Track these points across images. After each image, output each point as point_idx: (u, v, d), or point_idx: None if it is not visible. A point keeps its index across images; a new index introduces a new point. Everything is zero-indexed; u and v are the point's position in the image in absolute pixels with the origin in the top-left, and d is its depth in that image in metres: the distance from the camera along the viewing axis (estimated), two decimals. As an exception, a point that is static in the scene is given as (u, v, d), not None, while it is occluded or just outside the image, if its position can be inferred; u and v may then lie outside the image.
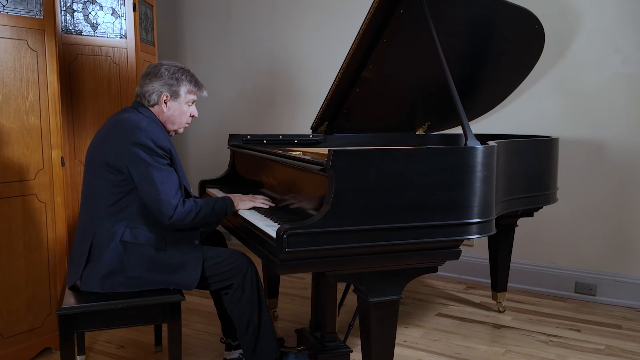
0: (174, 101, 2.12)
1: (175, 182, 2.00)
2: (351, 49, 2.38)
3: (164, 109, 2.11)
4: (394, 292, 1.86)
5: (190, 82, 2.15)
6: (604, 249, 3.35)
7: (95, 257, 1.98)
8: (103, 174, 1.99)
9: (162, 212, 1.95)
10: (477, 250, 3.65)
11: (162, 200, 1.94)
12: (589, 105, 3.32)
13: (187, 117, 2.18)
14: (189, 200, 2.02)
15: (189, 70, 2.17)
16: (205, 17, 4.78)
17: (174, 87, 2.10)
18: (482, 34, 2.66)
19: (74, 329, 1.91)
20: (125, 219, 2.00)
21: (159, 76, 2.09)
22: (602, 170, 3.32)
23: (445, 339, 2.81)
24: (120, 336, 2.79)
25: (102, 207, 2.00)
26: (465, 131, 1.97)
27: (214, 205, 2.10)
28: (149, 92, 2.09)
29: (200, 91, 2.20)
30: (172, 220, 1.96)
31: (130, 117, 2.02)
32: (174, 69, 2.12)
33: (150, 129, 1.98)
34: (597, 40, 3.27)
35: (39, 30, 2.41)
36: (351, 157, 1.72)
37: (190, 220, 2.00)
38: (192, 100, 2.18)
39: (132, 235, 1.99)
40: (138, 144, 1.94)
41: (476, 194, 1.84)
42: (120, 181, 1.98)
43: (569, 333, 2.91)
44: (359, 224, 1.71)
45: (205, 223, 2.08)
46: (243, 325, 2.12)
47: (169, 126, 2.16)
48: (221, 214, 2.13)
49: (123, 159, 1.95)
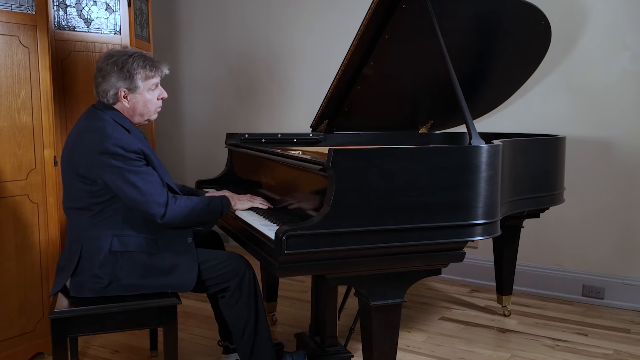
0: (133, 94, 2.01)
1: (157, 181, 1.96)
2: (352, 45, 2.38)
3: (126, 104, 2.02)
4: (396, 296, 1.86)
5: (144, 67, 2.01)
6: (612, 251, 3.35)
7: (86, 270, 1.96)
8: (79, 185, 1.95)
9: (153, 212, 1.92)
10: (481, 253, 3.65)
11: (149, 201, 1.91)
12: (597, 104, 3.32)
13: (155, 102, 2.08)
14: (181, 197, 2.00)
15: (139, 53, 2.03)
16: (201, 13, 4.78)
17: (128, 79, 1.99)
18: (487, 30, 2.65)
19: (67, 333, 1.91)
20: (111, 227, 1.97)
21: (109, 72, 1.98)
22: (610, 170, 3.31)
23: (449, 343, 2.81)
24: (115, 341, 2.79)
25: (85, 218, 1.98)
26: (469, 130, 1.97)
27: (209, 203, 2.07)
28: (105, 91, 2.00)
29: (158, 71, 2.05)
30: (166, 218, 1.94)
31: (94, 125, 1.95)
32: (122, 59, 1.99)
33: (117, 135, 1.91)
34: (605, 37, 3.27)
35: (31, 26, 2.41)
36: (352, 156, 1.71)
37: (184, 216, 1.97)
38: (155, 84, 2.06)
39: (120, 244, 1.97)
40: (107, 153, 1.88)
41: (481, 195, 1.84)
42: (97, 191, 1.94)
43: (576, 337, 2.90)
44: (360, 225, 1.71)
45: (200, 221, 2.05)
46: (239, 330, 2.12)
47: (138, 119, 2.07)
48: (216, 213, 2.10)
49: (95, 171, 1.91)
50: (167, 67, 2.10)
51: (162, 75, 2.08)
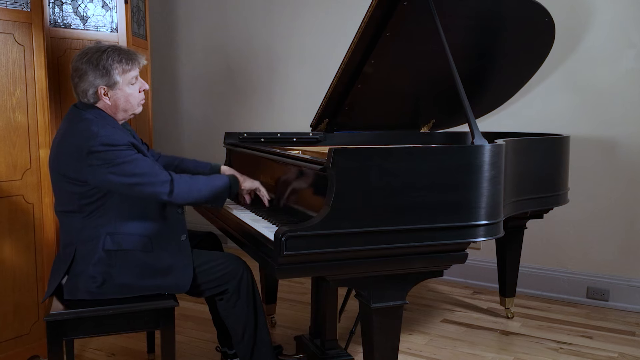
0: (113, 90, 1.98)
1: (152, 164, 1.96)
2: (352, 42, 2.38)
3: (107, 102, 1.99)
4: (397, 298, 1.86)
5: (120, 61, 1.97)
6: (617, 252, 3.34)
7: (80, 271, 1.95)
8: (69, 187, 1.94)
9: (159, 191, 1.91)
10: (484, 254, 3.65)
11: (152, 182, 1.90)
12: (602, 102, 3.32)
13: (137, 95, 2.04)
14: (184, 174, 2.01)
15: (114, 47, 2.00)
16: (199, 10, 4.78)
17: (106, 76, 1.96)
18: (489, 27, 2.65)
19: (63, 336, 1.91)
20: (104, 226, 1.97)
21: (85, 71, 1.95)
22: (615, 170, 3.31)
23: (451, 346, 2.81)
24: (111, 343, 2.79)
25: (77, 220, 1.97)
26: (472, 129, 1.97)
27: (215, 179, 2.08)
28: (84, 91, 1.97)
29: (135, 63, 2.02)
30: (174, 194, 1.92)
31: (78, 125, 1.93)
32: (96, 56, 1.96)
33: (103, 132, 1.89)
34: (610, 34, 3.27)
35: (26, 24, 2.41)
36: (353, 156, 1.71)
37: (193, 190, 1.98)
38: (134, 77, 2.02)
39: (114, 242, 1.97)
40: (95, 152, 1.87)
41: (483, 195, 1.84)
42: (87, 191, 1.93)
43: (580, 340, 2.90)
44: (360, 226, 1.70)
45: (209, 196, 2.04)
46: (239, 333, 2.12)
47: (122, 115, 2.05)
48: (225, 189, 2.09)
49: (84, 172, 1.89)
50: (143, 57, 2.07)
51: (140, 66, 2.05)
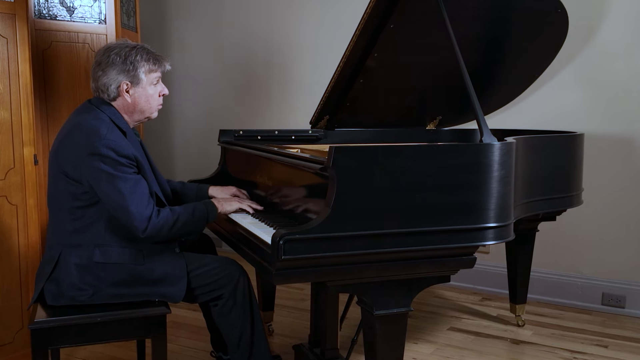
0: (136, 88, 2.05)
1: (145, 192, 1.97)
2: (354, 35, 2.38)
3: (127, 99, 2.05)
4: (401, 304, 1.86)
5: (148, 60, 2.06)
6: (633, 256, 3.35)
7: (64, 278, 1.96)
8: (64, 185, 1.96)
9: (135, 225, 1.92)
10: (493, 258, 3.65)
11: (133, 212, 1.91)
12: (617, 98, 3.32)
13: (157, 98, 2.12)
14: (164, 210, 2.00)
15: (142, 46, 2.08)
16: (193, 1, 4.78)
17: (132, 72, 2.02)
18: (499, 19, 2.65)
19: (49, 345, 1.91)
20: (93, 235, 1.98)
21: (111, 64, 2.01)
22: (632, 170, 3.31)
23: (458, 355, 2.81)
24: (100, 353, 2.79)
25: (67, 221, 1.98)
26: (480, 126, 1.97)
27: (193, 211, 2.07)
28: (105, 85, 2.02)
29: (161, 66, 2.10)
30: (147, 233, 1.93)
31: (88, 122, 1.97)
32: (125, 51, 2.03)
33: (110, 137, 1.93)
34: (626, 26, 3.27)
35: (9, 15, 2.41)
36: (354, 154, 1.71)
37: (167, 231, 1.98)
38: (157, 79, 2.10)
39: (102, 255, 1.97)
40: (97, 154, 1.89)
41: (493, 196, 1.84)
42: (82, 194, 1.95)
43: (595, 349, 2.90)
44: (362, 229, 1.70)
45: (186, 232, 2.06)
46: (234, 341, 2.12)
47: (139, 116, 2.10)
48: (202, 221, 2.10)
49: (82, 172, 1.92)
50: (169, 62, 2.14)
51: (164, 70, 2.13)
